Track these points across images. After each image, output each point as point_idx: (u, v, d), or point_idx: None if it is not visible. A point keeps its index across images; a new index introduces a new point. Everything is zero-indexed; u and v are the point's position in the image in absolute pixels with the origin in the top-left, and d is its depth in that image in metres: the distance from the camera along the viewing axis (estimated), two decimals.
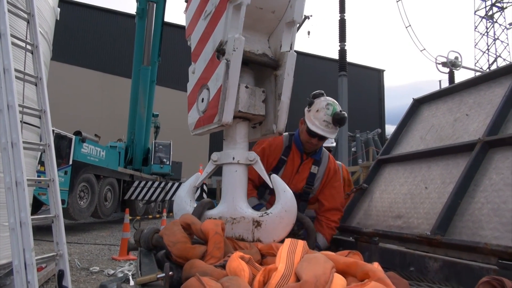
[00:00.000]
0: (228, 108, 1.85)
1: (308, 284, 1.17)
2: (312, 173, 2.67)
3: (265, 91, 2.10)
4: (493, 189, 1.84)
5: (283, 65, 2.04)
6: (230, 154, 2.06)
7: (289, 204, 1.98)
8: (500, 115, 2.09)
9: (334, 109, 2.51)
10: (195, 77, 2.14)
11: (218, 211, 2.10)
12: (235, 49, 1.83)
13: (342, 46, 15.67)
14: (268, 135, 2.15)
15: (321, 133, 2.50)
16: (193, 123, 2.13)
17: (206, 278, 1.24)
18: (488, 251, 1.58)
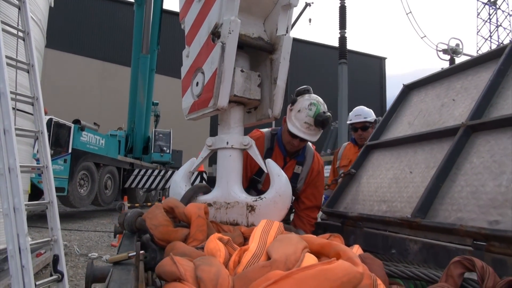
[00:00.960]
0: (223, 92, 1.84)
1: (277, 263, 1.19)
2: (295, 173, 2.65)
3: (261, 76, 2.08)
4: (473, 173, 1.85)
5: (279, 49, 2.02)
6: (224, 139, 2.05)
7: (283, 188, 1.98)
8: (484, 99, 2.09)
9: (317, 110, 2.41)
10: (189, 60, 2.11)
11: (212, 196, 2.11)
12: (231, 32, 1.81)
13: (342, 34, 15.55)
14: (263, 120, 2.14)
15: (301, 136, 2.43)
16: (187, 108, 2.12)
17: (179, 258, 1.26)
18: (464, 233, 1.60)
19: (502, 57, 2.17)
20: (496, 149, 1.82)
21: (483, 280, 1.31)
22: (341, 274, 1.09)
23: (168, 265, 1.22)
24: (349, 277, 1.09)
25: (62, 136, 10.55)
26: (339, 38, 15.59)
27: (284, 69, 2.02)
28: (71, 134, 10.78)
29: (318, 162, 2.75)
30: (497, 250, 1.47)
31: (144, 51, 16.09)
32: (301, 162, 2.67)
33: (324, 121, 2.38)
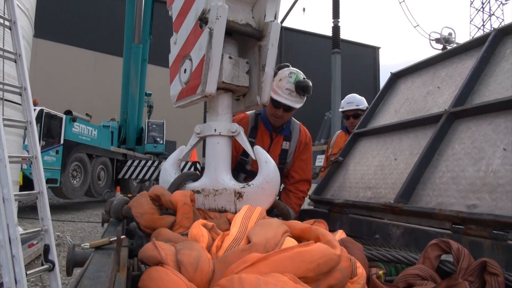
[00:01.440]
0: (211, 78, 1.83)
1: (257, 246, 1.22)
2: (284, 149, 2.67)
3: (249, 62, 2.07)
4: (454, 158, 1.88)
5: (267, 36, 2.01)
6: (212, 126, 2.05)
7: (271, 175, 1.98)
8: (466, 86, 2.12)
9: (297, 77, 2.48)
10: (177, 47, 2.10)
11: (200, 183, 2.12)
12: (218, 18, 1.80)
13: (336, 23, 15.48)
14: (252, 107, 2.14)
15: (284, 102, 2.47)
16: (175, 95, 2.11)
17: (160, 242, 1.29)
18: (443, 217, 1.64)
19: (485, 45, 2.19)
20: (476, 135, 1.85)
21: (459, 261, 1.35)
22: (318, 256, 1.11)
23: (149, 250, 1.24)
24: (325, 259, 1.12)
25: (54, 127, 10.49)
26: (333, 27, 15.51)
27: (272, 55, 2.01)
28: (63, 125, 10.71)
29: (305, 134, 2.79)
30: (474, 233, 1.51)
31: (136, 41, 15.91)
32: (288, 137, 2.70)
33: (305, 87, 2.44)
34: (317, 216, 2.65)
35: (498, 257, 1.39)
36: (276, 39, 2.01)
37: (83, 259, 1.11)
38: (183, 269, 1.17)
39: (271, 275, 1.00)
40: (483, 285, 1.27)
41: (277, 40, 2.02)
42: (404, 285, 1.38)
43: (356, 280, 1.28)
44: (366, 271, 1.45)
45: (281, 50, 29.42)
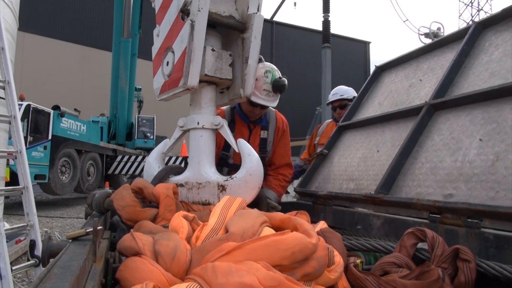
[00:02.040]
0: (193, 71, 1.83)
1: (234, 236, 1.23)
2: (262, 138, 2.70)
3: (232, 55, 2.06)
4: (433, 149, 1.91)
5: (250, 28, 2.00)
6: (195, 119, 2.04)
7: (254, 167, 1.98)
8: (446, 79, 2.14)
9: (273, 76, 2.49)
10: (160, 39, 2.09)
11: (184, 176, 2.12)
12: (200, 9, 1.79)
13: (326, 17, 15.46)
14: (235, 99, 2.14)
15: (262, 103, 2.50)
16: (158, 88, 2.10)
17: (138, 233, 1.29)
18: (420, 206, 1.67)
19: (465, 38, 2.22)
20: (455, 126, 1.88)
21: (433, 249, 1.38)
22: (293, 244, 1.13)
23: (127, 241, 1.25)
24: (300, 247, 1.14)
25: (41, 123, 10.35)
26: (323, 21, 15.48)
27: (255, 48, 2.01)
28: (51, 120, 10.58)
29: (282, 121, 2.82)
30: (449, 222, 1.54)
31: (125, 35, 15.73)
32: (266, 127, 2.73)
33: (281, 86, 2.47)
34: (301, 208, 2.67)
35: (471, 244, 1.42)
36: (259, 32, 2.01)
37: (58, 250, 1.11)
38: (161, 259, 1.17)
39: (245, 263, 1.02)
40: (456, 271, 1.31)
41: (260, 32, 2.02)
42: (381, 273, 1.40)
43: (333, 269, 1.30)
44: (345, 260, 1.48)
45: (272, 44, 29.37)
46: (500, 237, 1.34)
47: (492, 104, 1.75)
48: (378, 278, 1.29)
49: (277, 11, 28.68)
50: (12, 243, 5.49)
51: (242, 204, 1.52)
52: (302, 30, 32.50)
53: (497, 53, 1.97)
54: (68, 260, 0.89)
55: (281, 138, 2.75)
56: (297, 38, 31.41)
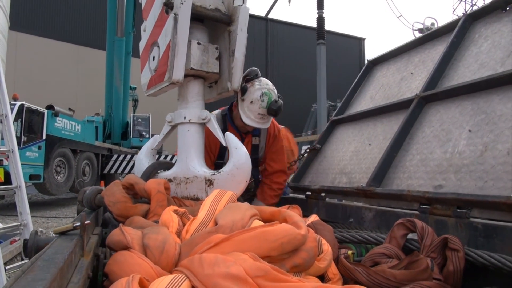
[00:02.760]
0: (178, 64, 1.81)
1: (223, 228, 1.23)
2: (254, 145, 2.65)
3: (220, 48, 2.05)
4: (423, 141, 1.92)
5: (236, 20, 1.99)
6: (182, 113, 2.04)
7: (241, 161, 1.97)
8: (437, 71, 2.15)
9: (270, 100, 2.37)
10: (146, 34, 2.08)
11: (172, 172, 2.11)
12: (183, 2, 1.78)
13: (320, 14, 15.44)
14: (223, 93, 2.12)
15: (256, 126, 2.43)
16: (146, 83, 2.09)
17: (127, 227, 1.29)
18: (411, 198, 1.67)
19: (455, 30, 2.22)
20: (445, 118, 1.89)
21: (423, 239, 1.39)
22: (281, 235, 1.13)
23: (116, 235, 1.24)
24: (289, 238, 1.14)
25: (35, 123, 10.27)
26: (317, 18, 15.46)
27: (241, 40, 1.99)
28: (45, 120, 10.49)
29: (273, 126, 2.72)
30: (439, 212, 1.55)
31: (119, 34, 15.61)
32: (257, 133, 2.67)
33: (277, 110, 2.38)
34: (295, 203, 2.67)
35: (461, 234, 1.43)
36: (245, 24, 1.99)
37: (45, 245, 1.10)
38: (149, 253, 1.17)
39: (232, 254, 1.01)
40: (445, 260, 1.31)
41: (246, 25, 2.00)
42: (371, 263, 1.41)
43: (322, 257, 1.31)
44: (336, 252, 1.48)
45: (267, 41, 29.30)
46: (489, 226, 1.35)
47: (481, 95, 1.76)
48: (367, 269, 1.29)
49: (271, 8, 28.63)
50: (6, 244, 5.45)
51: (232, 198, 1.52)
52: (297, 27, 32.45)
53: (486, 45, 1.97)
54: (53, 253, 0.89)
55: (273, 144, 2.67)
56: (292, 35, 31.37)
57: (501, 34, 1.92)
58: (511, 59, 1.74)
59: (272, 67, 28.90)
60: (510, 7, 2.02)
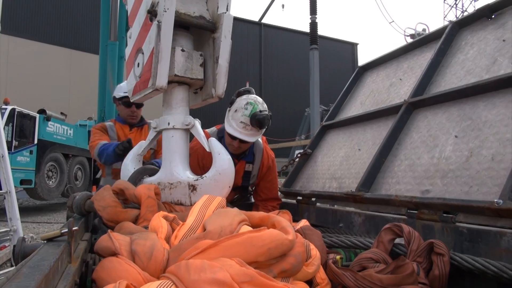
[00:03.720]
0: (161, 71, 1.83)
1: (211, 234, 1.23)
2: (247, 171, 2.63)
3: (204, 55, 2.07)
4: (411, 147, 1.94)
5: (220, 27, 2.01)
6: (166, 119, 2.05)
7: (224, 166, 1.98)
8: (425, 77, 2.19)
9: (254, 109, 2.29)
10: (132, 41, 2.09)
11: (156, 177, 2.12)
12: (166, 10, 1.80)
13: (313, 19, 15.57)
14: (208, 99, 2.13)
15: (237, 136, 2.33)
16: (131, 89, 2.10)
17: (115, 233, 1.29)
18: (399, 203, 1.70)
19: (443, 37, 2.26)
20: (432, 123, 1.92)
21: (409, 244, 1.41)
22: (268, 240, 1.14)
23: (104, 241, 1.24)
24: (276, 244, 1.15)
25: (27, 127, 10.20)
26: (310, 23, 15.59)
27: (225, 47, 2.02)
28: (36, 124, 10.43)
29: (268, 157, 2.66)
30: (426, 217, 1.57)
31: (112, 38, 15.57)
32: (251, 160, 2.62)
33: (260, 120, 2.25)
34: (286, 208, 2.68)
35: (447, 238, 1.45)
36: (228, 31, 2.02)
37: (32, 251, 1.10)
38: (137, 259, 1.17)
39: (219, 260, 1.02)
40: (431, 265, 1.33)
41: (229, 32, 2.03)
42: (359, 268, 1.42)
43: (310, 262, 1.32)
44: (324, 257, 1.49)
45: (260, 46, 29.42)
46: (474, 230, 1.37)
47: (467, 102, 1.79)
48: (355, 274, 1.30)
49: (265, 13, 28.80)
50: None
51: (221, 203, 1.52)
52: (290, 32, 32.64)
53: (472, 52, 2.01)
54: (40, 260, 0.89)
55: (267, 174, 2.64)
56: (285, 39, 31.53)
57: (487, 41, 1.96)
58: (496, 67, 1.78)
59: (265, 72, 28.98)
60: (496, 15, 2.06)
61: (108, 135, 3.15)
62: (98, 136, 3.07)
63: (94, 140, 3.05)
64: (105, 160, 2.89)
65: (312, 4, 15.63)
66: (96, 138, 3.05)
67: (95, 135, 3.10)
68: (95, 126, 3.24)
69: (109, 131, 3.15)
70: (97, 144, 2.96)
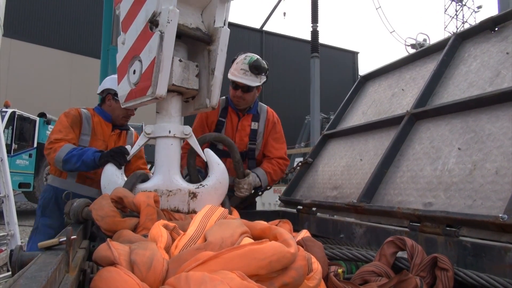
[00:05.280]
0: (162, 81, 1.85)
1: (212, 245, 1.21)
2: (253, 129, 2.76)
3: (198, 66, 2.10)
4: (414, 158, 1.93)
5: (216, 41, 2.06)
6: (166, 127, 2.06)
7: (223, 175, 2.12)
8: (427, 89, 2.18)
9: (252, 58, 2.59)
10: (125, 48, 2.10)
11: (153, 184, 2.10)
12: (169, 21, 1.82)
13: (315, 27, 15.66)
14: (201, 109, 2.18)
15: (239, 80, 2.58)
16: (124, 96, 2.11)
17: (114, 242, 1.27)
18: (401, 215, 1.68)
19: (445, 49, 2.26)
20: (435, 135, 1.91)
21: (412, 258, 1.39)
22: (270, 253, 1.12)
23: (102, 250, 1.22)
24: (278, 257, 1.13)
25: (27, 130, 10.20)
26: (311, 31, 15.68)
27: (221, 60, 2.06)
28: (36, 127, 10.43)
29: (272, 114, 2.88)
30: (429, 230, 1.55)
31: (114, 42, 15.63)
32: (257, 118, 2.79)
33: (258, 66, 2.56)
34: (286, 217, 2.66)
35: (450, 252, 1.43)
36: (225, 45, 2.06)
37: (29, 260, 1.08)
38: (136, 269, 1.15)
39: (219, 273, 1.00)
40: (434, 280, 1.31)
41: (225, 46, 2.07)
42: (360, 281, 1.40)
43: (312, 276, 1.29)
44: (325, 269, 1.47)
45: (261, 53, 29.54)
46: (477, 245, 1.35)
47: (471, 114, 1.78)
48: (357, 287, 1.28)
49: (266, 21, 28.96)
50: None
51: (223, 214, 1.51)
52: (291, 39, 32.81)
53: (475, 64, 2.01)
54: (37, 270, 0.87)
55: (272, 130, 2.80)
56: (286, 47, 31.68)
57: (490, 54, 1.96)
58: (499, 79, 1.77)
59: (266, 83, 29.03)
60: (499, 28, 2.06)
61: (80, 127, 2.68)
62: (64, 133, 2.57)
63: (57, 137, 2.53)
64: (73, 168, 2.46)
65: (313, 12, 15.72)
66: (61, 137, 2.54)
67: (63, 129, 2.59)
68: (67, 113, 2.69)
69: (83, 122, 2.69)
70: (63, 146, 2.47)
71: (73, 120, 2.66)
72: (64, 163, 2.45)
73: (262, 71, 2.61)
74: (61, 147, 2.46)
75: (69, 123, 2.64)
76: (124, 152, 2.23)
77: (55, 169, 2.74)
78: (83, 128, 2.68)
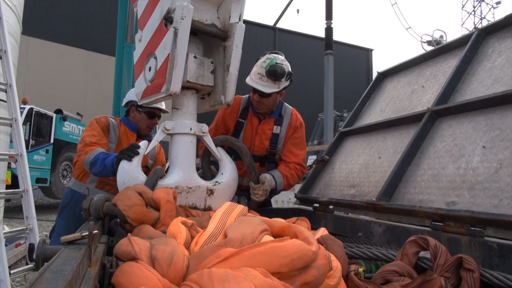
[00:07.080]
0: (176, 77, 1.85)
1: (232, 242, 1.21)
2: (274, 133, 2.63)
3: (214, 62, 2.10)
4: (435, 156, 1.89)
5: (231, 37, 2.04)
6: (187, 124, 2.07)
7: (236, 174, 2.24)
8: (449, 85, 2.13)
9: (271, 62, 2.41)
10: (142, 45, 2.11)
11: (174, 181, 2.10)
12: (183, 18, 1.82)
13: (329, 24, 15.54)
14: (216, 106, 2.17)
15: (254, 86, 2.45)
16: (140, 93, 2.12)
17: (135, 238, 1.27)
18: (422, 214, 1.64)
19: (468, 44, 2.20)
20: (457, 133, 1.86)
21: (436, 258, 1.36)
22: (292, 251, 1.10)
23: (124, 245, 1.23)
24: (300, 254, 1.11)
25: (44, 126, 10.38)
26: (325, 28, 15.57)
27: (236, 56, 2.04)
28: (53, 124, 10.60)
29: (296, 118, 2.70)
30: (452, 230, 1.51)
31: (128, 40, 15.78)
32: (279, 122, 2.65)
33: (274, 71, 2.37)
34: (302, 215, 2.64)
35: (475, 253, 1.40)
36: (240, 41, 2.05)
37: (53, 254, 1.09)
38: (157, 265, 1.15)
39: (242, 269, 0.99)
40: (459, 281, 1.28)
41: (241, 42, 2.05)
42: (382, 281, 1.37)
43: (332, 274, 1.28)
44: (346, 268, 1.45)
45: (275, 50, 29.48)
46: (504, 246, 1.31)
47: (495, 111, 1.73)
48: (378, 287, 1.26)
49: (280, 18, 28.84)
50: (11, 247, 5.47)
51: (243, 211, 1.50)
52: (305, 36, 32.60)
53: (500, 60, 1.95)
54: (61, 264, 0.87)
55: (293, 135, 2.63)
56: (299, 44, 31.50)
57: None
58: None
59: None
60: None
61: (108, 134, 2.72)
62: (98, 137, 2.61)
63: (92, 141, 2.55)
64: (97, 172, 2.46)
65: (327, 9, 15.59)
66: (95, 140, 2.57)
67: (97, 134, 2.62)
68: (98, 119, 2.73)
69: (110, 130, 2.74)
70: (94, 150, 2.48)
71: (104, 126, 2.70)
72: (91, 165, 2.46)
73: (278, 78, 2.41)
74: (92, 150, 2.48)
75: (102, 128, 2.68)
76: (133, 146, 2.20)
77: (78, 173, 2.81)
78: (110, 136, 2.72)
